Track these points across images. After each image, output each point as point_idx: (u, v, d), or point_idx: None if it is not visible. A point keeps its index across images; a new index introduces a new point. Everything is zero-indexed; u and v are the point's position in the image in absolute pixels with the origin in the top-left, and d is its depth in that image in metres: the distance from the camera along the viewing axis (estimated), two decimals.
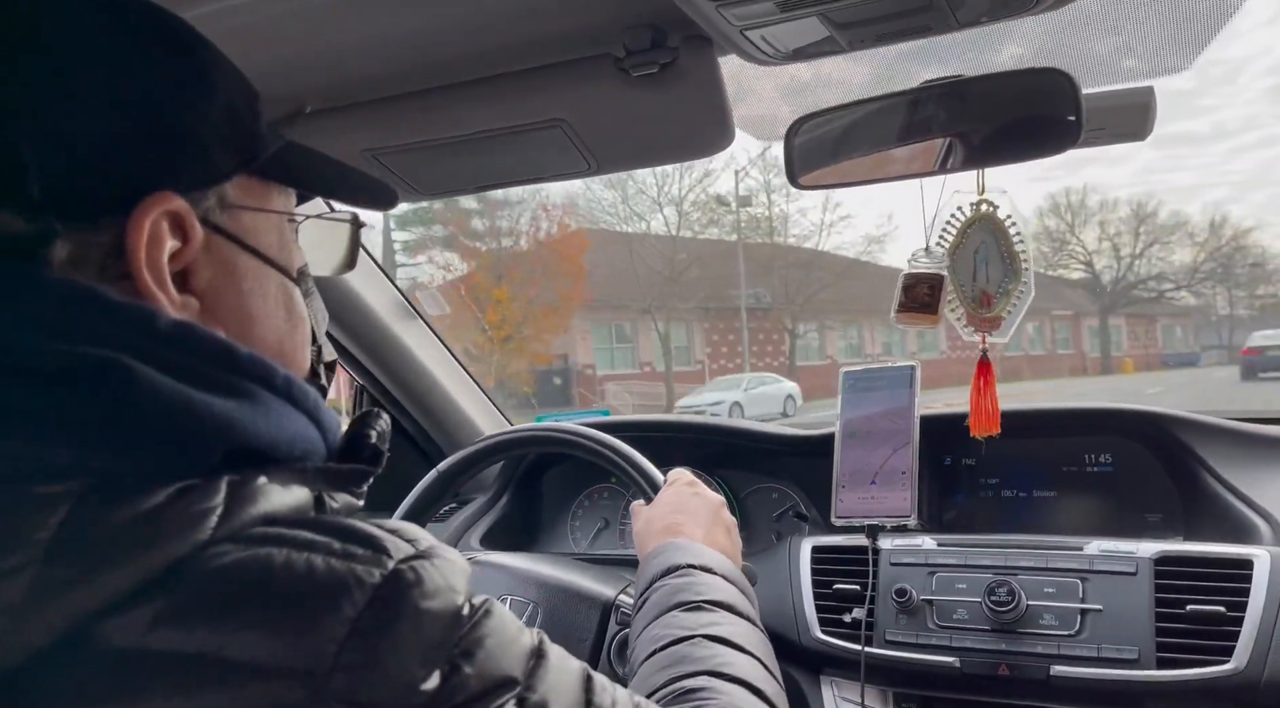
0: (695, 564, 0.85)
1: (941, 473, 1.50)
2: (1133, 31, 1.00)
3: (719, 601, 0.80)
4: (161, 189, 0.51)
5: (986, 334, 1.18)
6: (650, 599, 0.82)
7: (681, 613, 0.78)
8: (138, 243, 0.50)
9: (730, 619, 0.79)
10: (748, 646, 0.76)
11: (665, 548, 0.89)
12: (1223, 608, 1.05)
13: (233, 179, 0.56)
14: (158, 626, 0.42)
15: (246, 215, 0.58)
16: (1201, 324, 38.95)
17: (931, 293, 1.14)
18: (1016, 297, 1.16)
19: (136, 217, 0.50)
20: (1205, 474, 1.30)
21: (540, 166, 1.16)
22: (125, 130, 0.50)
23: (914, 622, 1.20)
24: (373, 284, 1.61)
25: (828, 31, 0.86)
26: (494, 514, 1.76)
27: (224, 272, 0.56)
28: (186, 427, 0.48)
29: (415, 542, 0.49)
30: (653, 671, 0.72)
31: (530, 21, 0.93)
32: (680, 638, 0.74)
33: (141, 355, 0.47)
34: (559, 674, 0.53)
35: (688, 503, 0.99)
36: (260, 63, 1.00)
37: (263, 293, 0.58)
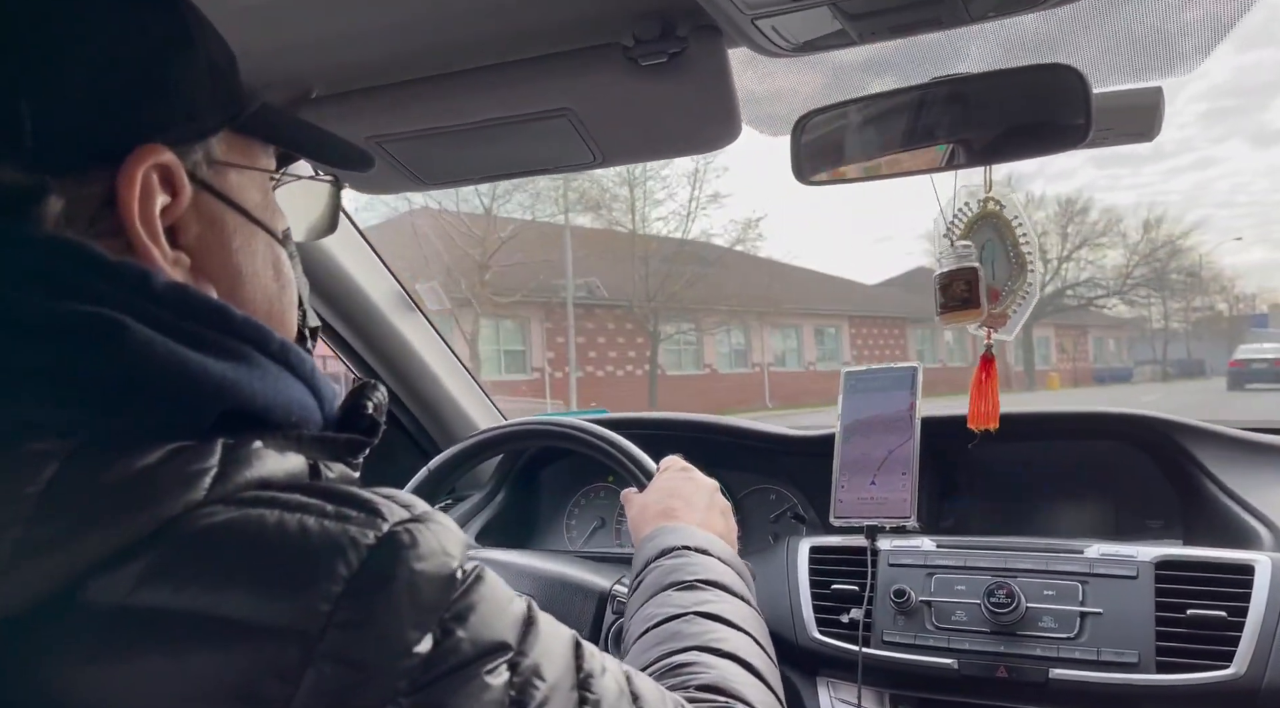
0: (690, 545, 0.85)
1: (941, 475, 1.50)
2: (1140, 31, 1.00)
3: (713, 580, 0.80)
4: (151, 141, 0.51)
5: (992, 330, 1.18)
6: (645, 580, 0.82)
7: (675, 592, 0.78)
8: (130, 194, 0.50)
9: (724, 597, 0.79)
10: (740, 622, 0.76)
11: (660, 531, 0.89)
12: (1223, 613, 1.05)
13: (218, 134, 0.57)
14: (144, 583, 0.42)
15: (232, 172, 0.58)
16: (1135, 337, 37.56)
17: (969, 288, 1.14)
18: (1022, 294, 1.16)
19: (128, 167, 0.50)
20: (1206, 480, 1.30)
21: (546, 157, 1.15)
22: (115, 83, 0.51)
23: (912, 623, 1.19)
24: (373, 276, 1.60)
25: (839, 24, 0.86)
26: (490, 511, 1.76)
27: (212, 229, 0.56)
28: (181, 386, 0.47)
29: (410, 507, 0.49)
30: (645, 648, 0.72)
31: (539, 9, 0.92)
32: (673, 615, 0.74)
33: (136, 314, 0.47)
34: (550, 640, 0.53)
35: (681, 487, 1.00)
36: (266, 46, 0.99)
37: (250, 251, 0.59)
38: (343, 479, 0.54)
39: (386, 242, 18.38)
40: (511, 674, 0.48)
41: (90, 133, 0.50)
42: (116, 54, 0.51)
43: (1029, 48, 1.02)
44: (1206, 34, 0.98)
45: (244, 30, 0.95)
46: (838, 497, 1.33)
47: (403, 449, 1.81)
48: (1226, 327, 36.72)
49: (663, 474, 1.05)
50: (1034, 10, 0.84)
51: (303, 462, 0.51)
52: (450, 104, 1.05)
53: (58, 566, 0.41)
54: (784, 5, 0.81)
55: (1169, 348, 35.98)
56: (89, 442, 0.44)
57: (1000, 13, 0.85)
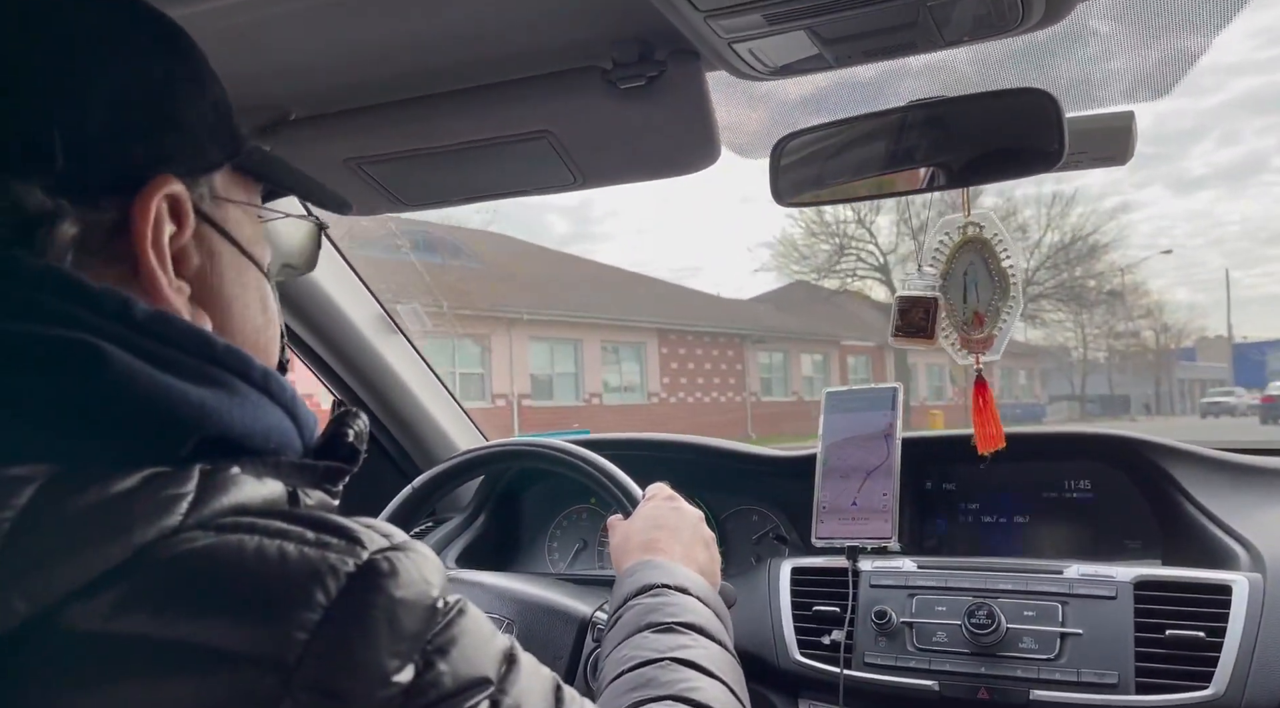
0: (670, 584, 0.85)
1: (922, 496, 1.50)
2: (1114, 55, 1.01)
3: (691, 623, 0.80)
4: (164, 172, 0.53)
5: (980, 355, 1.19)
6: (623, 618, 0.82)
7: (652, 634, 0.77)
8: (145, 222, 0.52)
9: (701, 643, 0.78)
10: (716, 670, 0.75)
11: (641, 566, 0.88)
12: (1202, 633, 1.05)
13: (219, 170, 0.59)
14: (122, 610, 0.41)
15: (230, 208, 0.60)
16: (1051, 369, 33.32)
17: (926, 317, 1.15)
18: (1006, 313, 1.17)
19: (143, 196, 0.52)
20: (1184, 501, 1.30)
21: (525, 179, 1.16)
22: (134, 117, 0.53)
23: (893, 644, 1.19)
24: (354, 298, 1.59)
25: (815, 48, 0.87)
26: (471, 533, 1.74)
27: (211, 260, 0.58)
28: (159, 412, 0.47)
29: (390, 536, 0.49)
30: (620, 692, 0.71)
31: (518, 33, 0.92)
32: (649, 660, 0.74)
33: (116, 341, 0.47)
34: (531, 680, 0.52)
35: (666, 518, 0.99)
36: (244, 68, 0.99)
37: (242, 284, 0.60)
38: (322, 506, 0.54)
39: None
40: None
41: (111, 162, 0.52)
42: (135, 89, 0.54)
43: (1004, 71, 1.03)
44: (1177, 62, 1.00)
45: (223, 53, 0.95)
46: (819, 518, 1.32)
47: (384, 471, 1.80)
48: (1153, 359, 33.56)
49: (648, 503, 1.04)
50: (1007, 35, 0.85)
51: (281, 488, 0.51)
52: (430, 126, 1.05)
53: (34, 591, 0.41)
54: (761, 30, 0.82)
55: (1089, 381, 32.58)
56: (67, 467, 0.44)
57: (974, 38, 0.86)
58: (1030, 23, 0.82)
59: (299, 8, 0.86)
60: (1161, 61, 1.01)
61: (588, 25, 0.90)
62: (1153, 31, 0.97)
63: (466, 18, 0.89)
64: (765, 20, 0.80)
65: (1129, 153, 1.04)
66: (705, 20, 0.80)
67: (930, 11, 0.80)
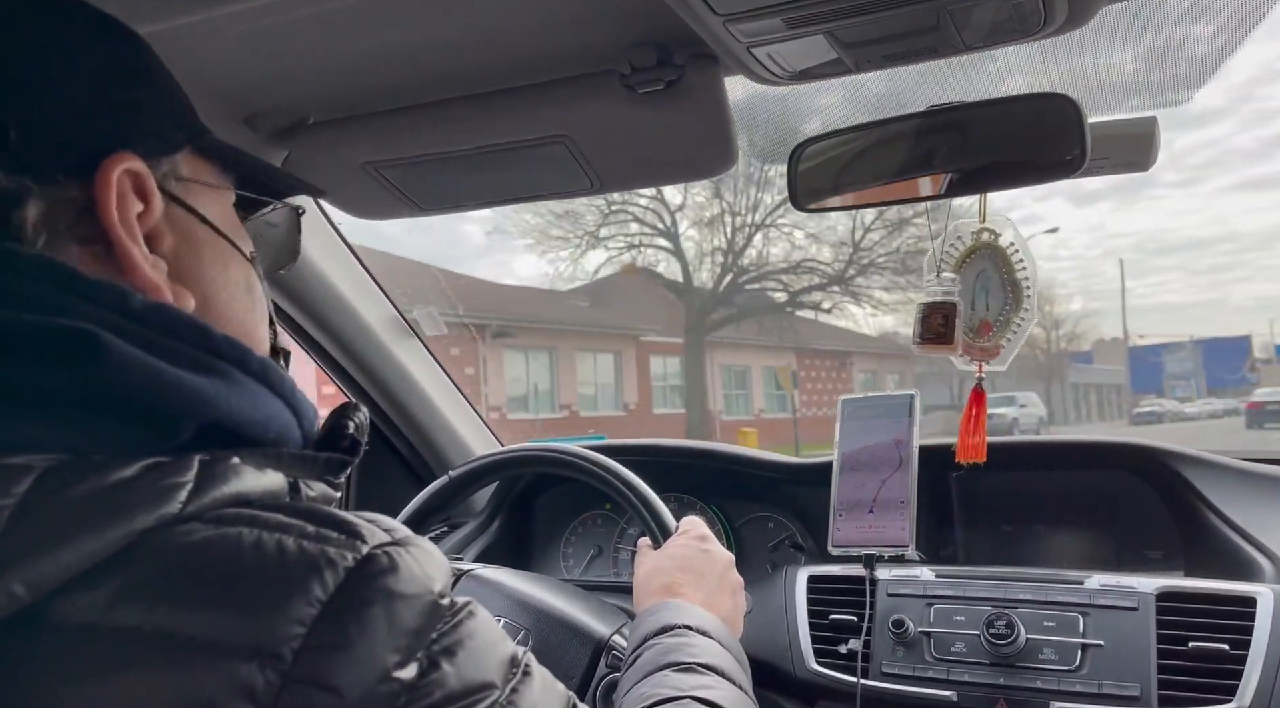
0: (691, 625, 0.84)
1: (940, 504, 1.48)
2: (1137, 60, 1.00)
3: (711, 665, 0.79)
4: (121, 151, 0.54)
5: (983, 363, 1.17)
6: (642, 657, 0.81)
7: (673, 673, 0.77)
8: (108, 196, 0.52)
9: (722, 684, 0.77)
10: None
11: (662, 607, 0.88)
12: (1226, 646, 1.03)
13: (182, 151, 0.59)
14: (119, 602, 0.42)
15: (199, 190, 0.61)
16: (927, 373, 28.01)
17: (946, 322, 1.13)
18: (1016, 325, 1.15)
19: (103, 171, 0.52)
20: (1206, 511, 1.29)
21: (542, 183, 1.16)
22: (87, 100, 0.54)
23: (911, 654, 1.18)
24: (369, 302, 1.60)
25: (835, 53, 0.86)
26: (486, 538, 1.74)
27: (186, 241, 0.58)
28: (158, 401, 0.48)
29: (392, 531, 0.48)
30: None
31: (536, 37, 0.92)
32: (669, 698, 0.73)
33: (114, 330, 0.48)
34: (543, 693, 0.52)
35: (695, 561, 0.97)
36: (263, 72, 1.00)
37: (223, 264, 0.61)
38: (323, 498, 0.54)
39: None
40: None
41: (67, 142, 0.53)
42: (83, 75, 0.55)
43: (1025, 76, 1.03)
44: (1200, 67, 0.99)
45: (242, 57, 0.96)
46: (836, 525, 1.31)
47: (397, 475, 1.80)
48: (1044, 360, 30.76)
49: (680, 539, 1.02)
50: (1028, 40, 0.84)
51: (282, 480, 0.51)
52: (448, 130, 1.05)
53: (33, 577, 0.41)
54: (780, 34, 0.82)
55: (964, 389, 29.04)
56: (66, 456, 0.44)
57: (995, 42, 0.85)
58: (1052, 27, 0.81)
59: (318, 12, 0.86)
60: (1184, 66, 1.00)
61: (605, 30, 0.90)
62: (1175, 36, 0.95)
63: (484, 22, 0.89)
64: (785, 24, 0.79)
65: (1151, 159, 1.03)
66: (724, 24, 0.79)
67: (951, 16, 0.79)
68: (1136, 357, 39.24)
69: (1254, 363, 41.74)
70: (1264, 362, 42.63)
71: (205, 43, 0.90)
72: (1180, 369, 42.50)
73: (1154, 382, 39.65)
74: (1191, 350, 43.45)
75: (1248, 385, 38.99)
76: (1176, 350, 43.46)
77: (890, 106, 1.07)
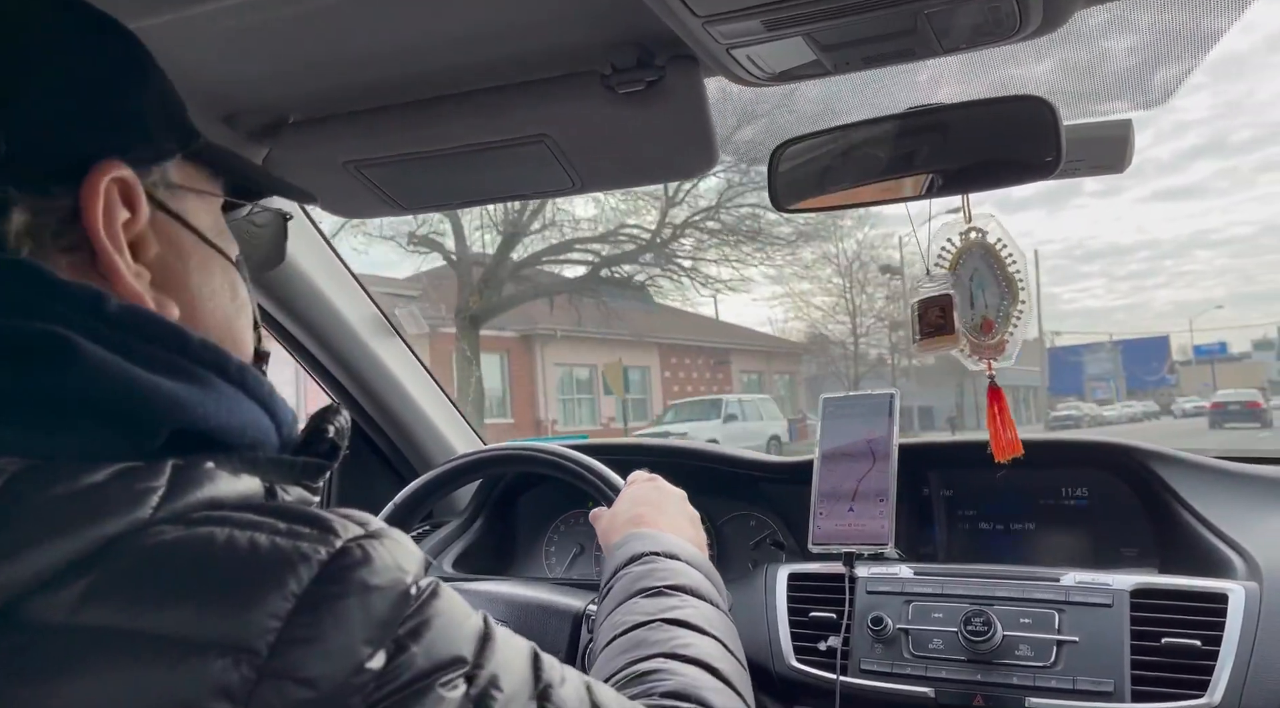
0: (658, 551, 0.85)
1: (919, 503, 1.50)
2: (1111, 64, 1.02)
3: (681, 585, 0.80)
4: (111, 158, 0.53)
5: (992, 361, 1.18)
6: (614, 588, 0.82)
7: (642, 599, 0.78)
8: (94, 205, 0.52)
9: (692, 602, 0.78)
10: (708, 627, 0.75)
11: (629, 538, 0.89)
12: (1198, 642, 1.05)
13: (172, 159, 0.59)
14: (89, 601, 0.41)
15: (187, 197, 0.60)
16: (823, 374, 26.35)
17: (943, 314, 1.14)
18: (1016, 318, 1.16)
19: (91, 179, 0.52)
20: (1180, 509, 1.30)
21: (524, 183, 1.16)
22: (76, 106, 0.54)
23: (890, 651, 1.19)
24: (351, 301, 1.59)
25: (813, 54, 0.87)
26: (468, 538, 1.74)
27: (171, 249, 0.58)
28: (131, 405, 0.47)
29: (365, 524, 0.48)
30: (611, 656, 0.72)
31: (517, 37, 0.93)
32: (639, 623, 0.74)
33: (88, 333, 0.48)
34: (507, 651, 0.52)
35: (649, 496, 1.00)
36: (244, 71, 0.99)
37: (208, 272, 0.60)
38: (300, 503, 0.54)
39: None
40: (468, 687, 0.48)
41: (54, 149, 0.52)
42: (77, 80, 0.54)
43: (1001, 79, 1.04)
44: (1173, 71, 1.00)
45: (222, 55, 0.95)
46: (816, 523, 1.32)
47: (379, 475, 1.80)
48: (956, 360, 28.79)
49: (630, 486, 1.06)
50: (1006, 43, 0.85)
51: (257, 484, 0.51)
52: (428, 129, 1.05)
53: (2, 581, 0.41)
54: (760, 36, 0.82)
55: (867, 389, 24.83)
56: (38, 460, 0.44)
57: (972, 45, 0.86)
58: (1028, 30, 0.82)
59: (298, 11, 0.86)
60: (1158, 70, 1.01)
61: (586, 30, 0.91)
62: (1149, 40, 0.97)
63: (465, 21, 0.89)
64: (764, 26, 0.80)
65: (1126, 161, 1.04)
66: (704, 26, 0.80)
67: (929, 19, 0.80)
68: (1055, 358, 37.65)
69: (1173, 364, 41.99)
70: (1183, 363, 43.14)
71: (185, 40, 0.90)
72: (1100, 370, 42.20)
73: (1074, 383, 38.89)
74: (1111, 351, 43.15)
75: (1167, 387, 39.41)
76: (1096, 350, 42.93)
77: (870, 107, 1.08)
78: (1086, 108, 1.09)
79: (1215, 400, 26.17)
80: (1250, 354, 47.54)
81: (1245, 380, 40.60)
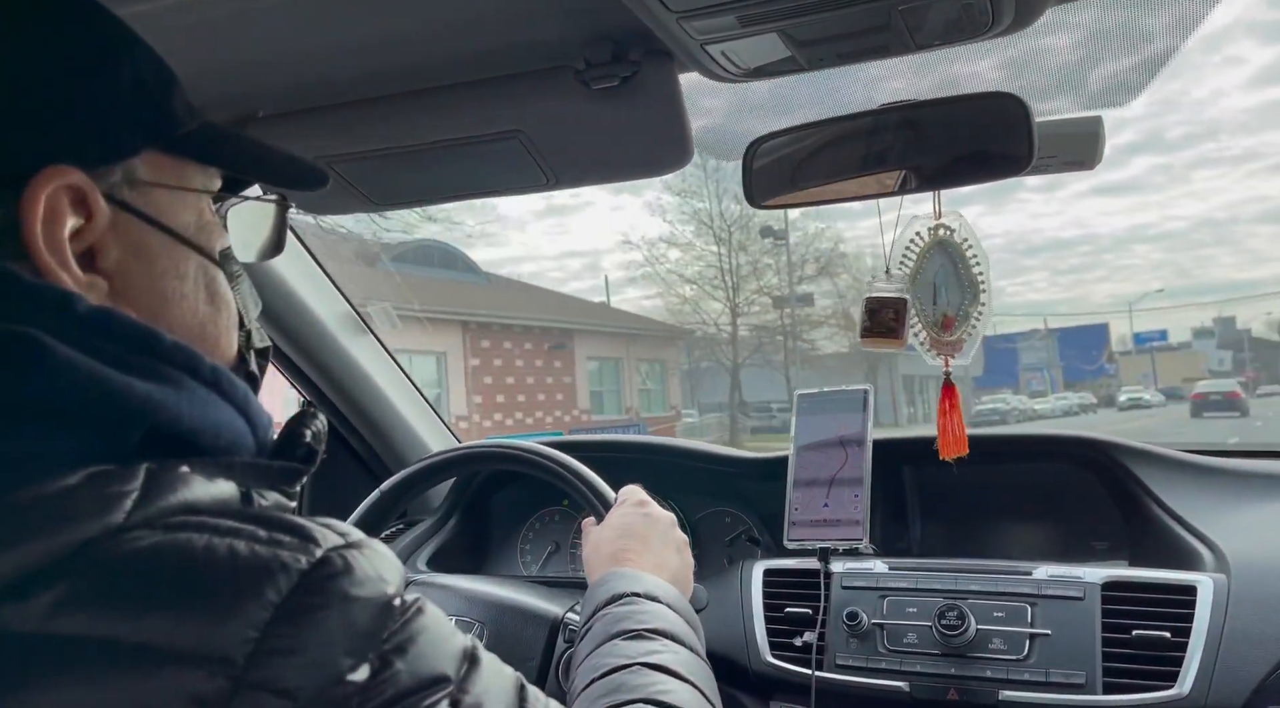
0: (639, 593, 0.84)
1: (893, 498, 1.50)
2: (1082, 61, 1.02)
3: (660, 629, 0.80)
4: (58, 163, 0.50)
5: (949, 357, 1.19)
6: (594, 628, 0.81)
7: (622, 642, 0.77)
8: (33, 218, 0.49)
9: (671, 648, 0.78)
10: (687, 674, 0.75)
11: (610, 576, 0.88)
12: (1168, 634, 1.06)
13: (140, 155, 0.55)
14: (61, 610, 0.40)
15: (159, 193, 0.56)
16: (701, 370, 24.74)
17: (896, 318, 1.15)
18: (975, 318, 1.17)
19: (31, 190, 0.49)
20: (1150, 502, 1.32)
21: (497, 179, 1.15)
22: (16, 104, 0.50)
23: (865, 646, 1.19)
24: (322, 297, 1.58)
25: (788, 50, 0.87)
26: (442, 536, 1.73)
27: (134, 252, 0.54)
28: (103, 407, 0.46)
29: (346, 534, 0.48)
30: (590, 699, 0.71)
31: (490, 31, 0.92)
32: (619, 667, 0.73)
33: (58, 335, 0.46)
34: (493, 678, 0.52)
35: (637, 526, 0.98)
36: (212, 64, 0.98)
37: (179, 274, 0.57)
38: (277, 508, 0.52)
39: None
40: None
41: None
42: (19, 74, 0.50)
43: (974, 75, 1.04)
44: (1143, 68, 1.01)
45: (190, 48, 0.94)
46: (791, 520, 1.32)
47: (354, 474, 1.78)
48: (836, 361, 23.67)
49: (620, 508, 1.04)
50: (978, 39, 0.86)
51: (233, 489, 0.50)
52: (400, 125, 1.04)
53: None
54: (734, 31, 0.82)
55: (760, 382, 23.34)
56: (6, 463, 0.43)
57: (945, 42, 0.87)
58: (1000, 27, 0.83)
59: (266, 4, 0.85)
60: (1128, 67, 1.02)
61: (560, 25, 0.90)
62: (1120, 38, 0.98)
63: (437, 15, 0.89)
64: (738, 22, 0.80)
65: (1098, 157, 1.05)
66: (678, 21, 0.79)
67: (902, 15, 0.80)
68: (989, 346, 33.87)
69: (1112, 353, 41.34)
70: (1123, 353, 42.65)
71: (149, 34, 0.88)
72: (1034, 359, 39.77)
73: (1009, 373, 36.59)
74: (1046, 338, 40.73)
75: (1106, 377, 38.88)
76: (1030, 338, 40.56)
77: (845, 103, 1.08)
78: (1057, 104, 1.10)
79: (1196, 391, 26.70)
80: (1190, 344, 47.25)
81: (1186, 370, 40.41)
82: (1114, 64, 1.02)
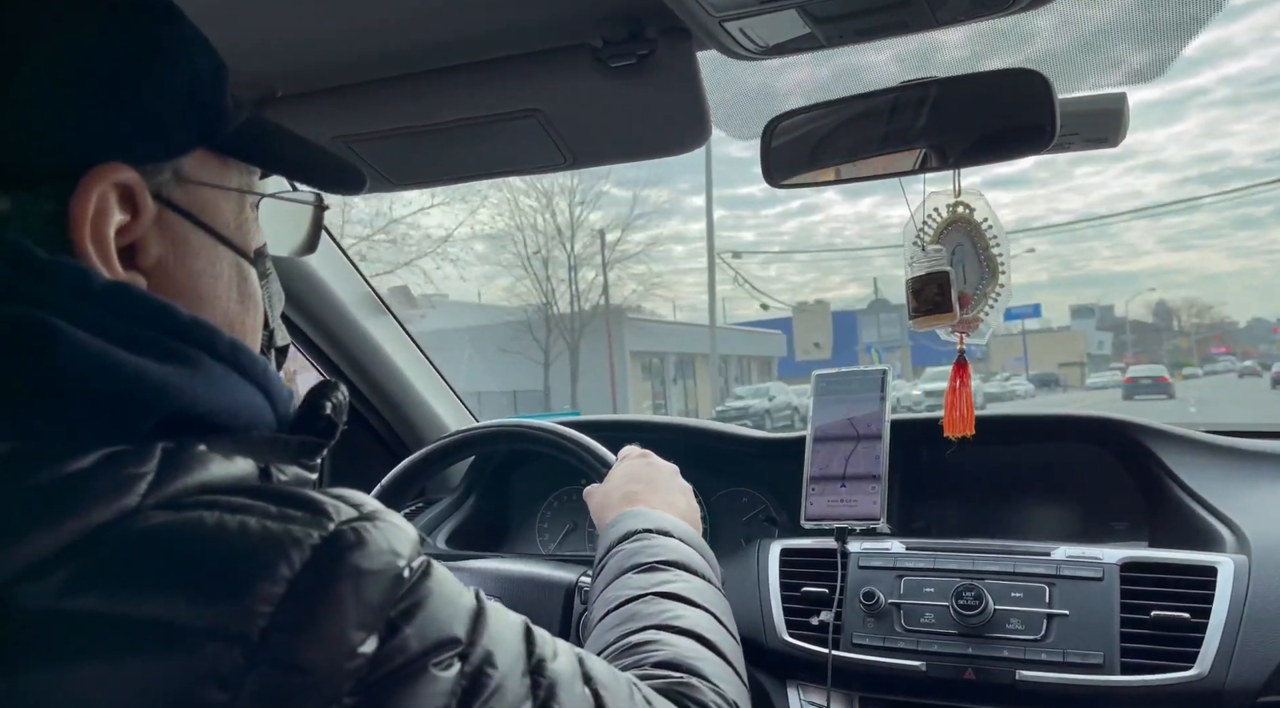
0: (651, 528, 0.86)
1: (911, 478, 1.50)
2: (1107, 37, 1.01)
3: (673, 560, 0.81)
4: (112, 160, 0.50)
5: (964, 335, 1.18)
6: (607, 565, 0.83)
7: (635, 574, 0.79)
8: (82, 213, 0.49)
9: (684, 577, 0.79)
10: (700, 600, 0.76)
11: (622, 516, 0.89)
12: (1187, 614, 1.06)
13: (190, 153, 0.55)
14: (75, 588, 0.40)
15: (204, 191, 0.56)
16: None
17: (941, 291, 1.14)
18: (994, 298, 1.16)
19: (83, 186, 0.49)
20: (1170, 482, 1.31)
21: (515, 158, 1.15)
22: (77, 98, 0.50)
23: (881, 625, 1.19)
24: (342, 277, 1.58)
25: (806, 27, 0.86)
26: (461, 514, 1.74)
27: (175, 248, 0.54)
28: (117, 391, 0.46)
29: (360, 506, 0.48)
30: (605, 630, 0.72)
31: (507, 10, 0.91)
32: (632, 597, 0.75)
33: (71, 316, 0.46)
34: (500, 627, 0.52)
35: (641, 472, 1.00)
36: (231, 44, 0.97)
37: (214, 273, 0.57)
38: (296, 482, 0.52)
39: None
40: (462, 665, 0.47)
41: (46, 147, 0.49)
42: (81, 69, 0.50)
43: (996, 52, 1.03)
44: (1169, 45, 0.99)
45: (207, 28, 0.94)
46: (808, 499, 1.33)
47: (373, 453, 1.79)
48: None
49: (622, 462, 1.06)
50: (1000, 15, 0.85)
51: (252, 466, 0.49)
52: (418, 104, 1.04)
53: None
54: (752, 8, 0.81)
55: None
56: (22, 446, 0.43)
57: (967, 17, 0.85)
58: (1023, 2, 0.81)
59: None
60: (1154, 44, 1.01)
61: (577, 3, 0.89)
62: (1146, 14, 0.96)
63: None
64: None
65: (1121, 135, 1.04)
66: None
67: None
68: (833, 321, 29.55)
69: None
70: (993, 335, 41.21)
71: None
72: (889, 334, 33.30)
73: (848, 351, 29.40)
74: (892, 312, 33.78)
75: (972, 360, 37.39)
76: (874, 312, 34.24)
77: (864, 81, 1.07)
78: (1080, 81, 1.09)
79: (1129, 375, 29.11)
80: (1069, 325, 44.89)
81: (1063, 353, 39.18)
82: (1139, 41, 1.01)
